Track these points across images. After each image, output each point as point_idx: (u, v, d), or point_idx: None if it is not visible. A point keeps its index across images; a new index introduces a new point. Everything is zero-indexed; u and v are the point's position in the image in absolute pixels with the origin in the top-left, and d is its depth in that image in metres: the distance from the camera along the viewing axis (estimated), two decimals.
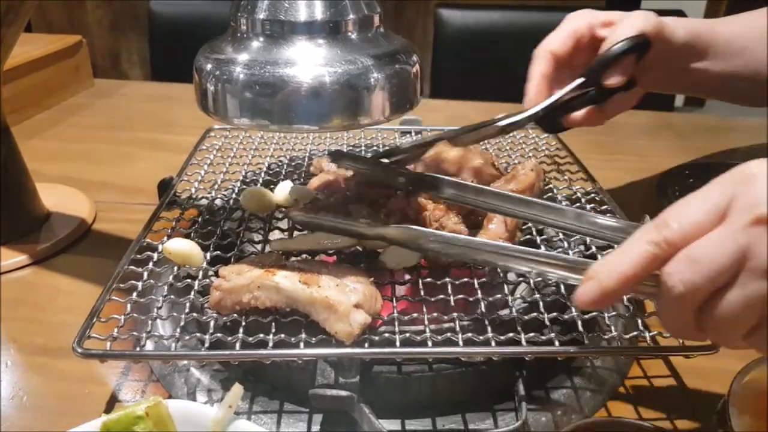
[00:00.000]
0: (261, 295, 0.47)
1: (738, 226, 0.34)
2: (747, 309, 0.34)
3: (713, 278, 0.34)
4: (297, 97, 0.45)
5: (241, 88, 0.46)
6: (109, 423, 0.38)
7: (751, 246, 0.33)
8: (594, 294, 0.37)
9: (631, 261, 0.36)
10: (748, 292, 0.34)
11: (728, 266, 0.34)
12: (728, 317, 0.35)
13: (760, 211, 0.33)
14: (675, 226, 0.35)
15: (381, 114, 0.48)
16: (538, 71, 0.60)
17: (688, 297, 0.35)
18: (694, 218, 0.35)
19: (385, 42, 0.50)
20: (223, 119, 0.48)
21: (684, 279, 0.35)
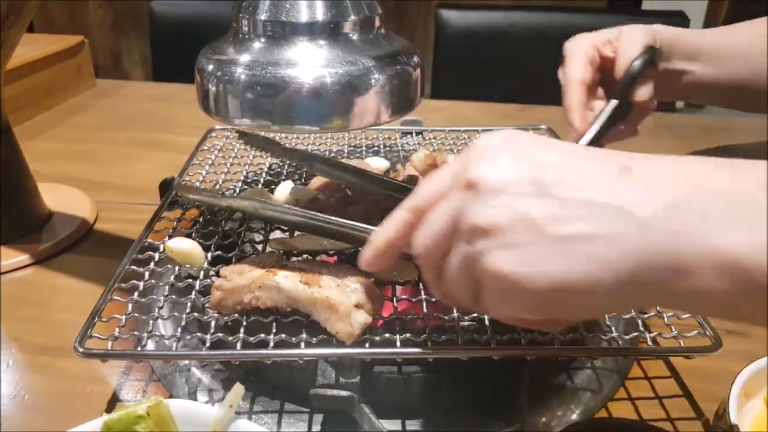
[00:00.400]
0: (262, 295, 0.47)
1: (454, 190, 0.35)
2: (458, 272, 0.35)
3: (437, 242, 0.36)
4: (298, 97, 0.46)
5: (242, 89, 0.46)
6: (110, 422, 0.38)
7: (459, 209, 0.34)
8: (369, 255, 0.41)
9: (392, 226, 0.39)
10: (457, 257, 0.35)
11: (445, 229, 0.35)
12: (451, 281, 0.36)
13: (467, 175, 0.34)
14: (422, 194, 0.38)
15: (382, 115, 0.49)
16: (576, 101, 0.62)
17: (424, 258, 0.37)
18: (435, 187, 0.37)
19: (386, 43, 0.50)
20: (225, 120, 0.49)
21: (419, 242, 0.37)
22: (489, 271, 0.32)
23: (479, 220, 0.32)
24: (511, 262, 0.31)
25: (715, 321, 0.48)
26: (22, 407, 0.53)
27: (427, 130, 0.88)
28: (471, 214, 0.33)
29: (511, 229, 0.31)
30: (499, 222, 0.32)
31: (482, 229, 0.32)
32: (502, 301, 0.34)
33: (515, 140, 0.35)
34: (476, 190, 0.33)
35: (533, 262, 0.31)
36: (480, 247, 0.32)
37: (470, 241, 0.33)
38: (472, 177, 0.33)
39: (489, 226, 0.32)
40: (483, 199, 0.33)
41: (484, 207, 0.32)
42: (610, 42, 0.63)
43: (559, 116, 0.69)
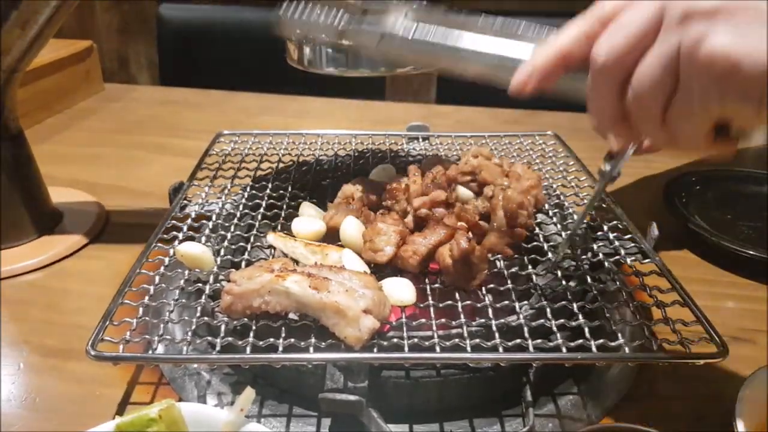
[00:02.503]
0: (271, 300, 0.48)
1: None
2: (661, 68, 0.34)
3: (636, 40, 0.34)
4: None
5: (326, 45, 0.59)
6: (122, 425, 0.39)
7: (668, 3, 0.33)
8: (525, 74, 0.39)
9: (565, 38, 0.38)
10: (664, 48, 0.34)
11: (648, 25, 0.34)
12: (645, 84, 0.35)
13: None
14: (606, 6, 0.36)
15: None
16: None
17: (610, 65, 0.35)
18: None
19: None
20: (314, 69, 0.61)
21: (608, 44, 0.35)
22: (709, 53, 0.31)
23: (699, 4, 0.32)
24: (733, 42, 0.31)
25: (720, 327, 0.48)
26: (33, 409, 0.53)
27: (434, 136, 0.88)
28: (686, 2, 0.32)
29: (736, 10, 0.31)
30: (724, 5, 0.31)
31: (703, 11, 0.32)
32: (704, 95, 0.33)
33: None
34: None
35: (757, 43, 0.30)
36: (699, 30, 0.32)
37: (686, 27, 0.32)
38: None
39: (711, 8, 0.32)
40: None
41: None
42: None
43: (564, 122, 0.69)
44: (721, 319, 0.50)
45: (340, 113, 1.27)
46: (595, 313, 0.52)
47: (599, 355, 0.47)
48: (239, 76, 1.58)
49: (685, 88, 0.33)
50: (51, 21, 0.68)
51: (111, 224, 0.83)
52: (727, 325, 0.47)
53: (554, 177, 0.75)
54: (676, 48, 0.33)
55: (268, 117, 1.24)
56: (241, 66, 1.58)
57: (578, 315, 0.49)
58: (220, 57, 1.61)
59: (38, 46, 0.71)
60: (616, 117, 0.37)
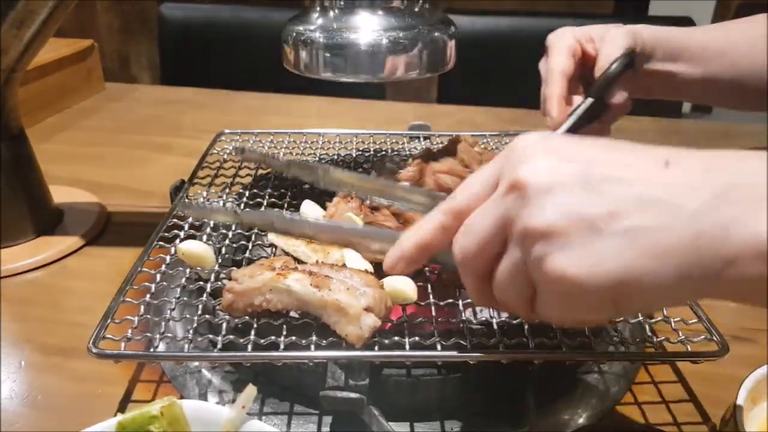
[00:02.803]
0: (273, 298, 0.48)
1: (498, 194, 0.35)
2: (512, 277, 0.35)
3: (482, 246, 0.36)
4: (361, 55, 0.57)
5: (322, 49, 0.58)
6: (124, 422, 0.39)
7: (509, 214, 0.34)
8: (395, 259, 0.41)
9: (426, 229, 0.40)
10: (510, 261, 0.35)
11: (491, 234, 0.35)
12: (501, 287, 0.36)
13: (513, 177, 0.33)
14: (458, 197, 0.38)
15: (421, 70, 0.59)
16: (556, 92, 0.62)
17: (467, 263, 0.37)
18: (472, 190, 0.38)
19: (428, 15, 0.60)
20: (310, 73, 0.61)
21: (460, 245, 0.37)
22: (550, 274, 0.32)
23: (534, 223, 0.32)
24: (570, 262, 0.31)
25: (722, 326, 0.49)
26: (35, 407, 0.53)
27: (435, 135, 0.88)
28: (524, 218, 0.32)
29: (568, 230, 0.31)
30: (556, 224, 0.31)
31: (538, 232, 0.32)
32: (561, 304, 0.33)
33: (551, 139, 0.35)
34: (524, 193, 0.33)
35: (594, 260, 0.30)
36: (538, 251, 0.32)
37: (525, 246, 0.33)
38: (517, 179, 0.33)
39: (545, 229, 0.31)
40: (534, 201, 0.32)
41: (536, 210, 0.32)
42: (593, 40, 0.64)
43: None
44: (721, 318, 0.50)
45: (342, 113, 1.27)
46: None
47: (600, 353, 0.47)
48: (240, 75, 1.58)
49: (540, 293, 0.34)
50: (49, 21, 0.68)
51: (112, 223, 0.83)
52: (727, 324, 0.47)
53: None
54: (522, 262, 0.34)
55: (269, 116, 1.24)
56: (242, 65, 1.58)
57: None
58: (222, 57, 1.61)
59: (37, 46, 0.71)
60: (485, 299, 0.39)
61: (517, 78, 1.55)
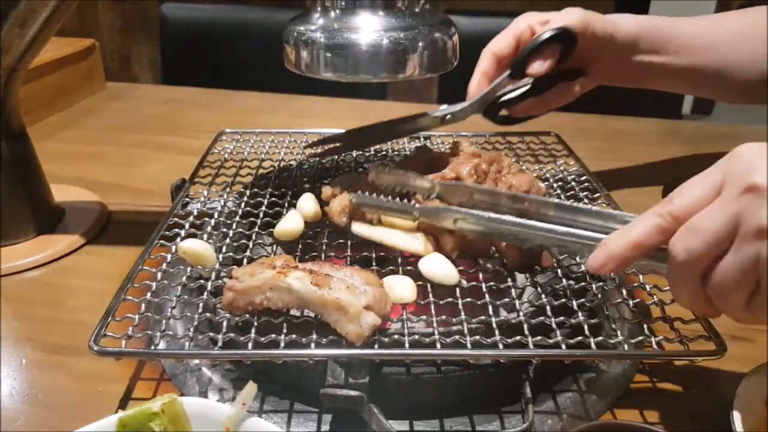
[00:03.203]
0: (273, 296, 0.48)
1: (730, 196, 0.37)
2: (741, 273, 0.37)
3: (710, 244, 0.38)
4: (362, 55, 0.57)
5: (324, 49, 0.58)
6: (125, 419, 0.39)
7: (743, 212, 0.36)
8: (602, 258, 0.43)
9: (639, 230, 0.41)
10: (741, 256, 0.37)
11: (723, 232, 0.37)
12: (726, 282, 0.38)
13: (749, 180, 0.36)
14: (677, 201, 0.40)
15: (423, 71, 0.59)
16: (479, 70, 0.67)
17: (690, 264, 0.39)
18: (693, 194, 0.40)
19: (428, 15, 0.60)
20: (311, 73, 0.60)
21: (684, 246, 0.39)
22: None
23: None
24: None
25: (721, 326, 0.49)
26: (36, 405, 0.53)
27: (435, 135, 0.88)
28: (760, 216, 0.35)
29: None
30: None
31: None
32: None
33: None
34: (761, 194, 0.36)
35: None
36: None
37: (761, 242, 0.35)
38: (754, 181, 0.36)
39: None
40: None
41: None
42: (547, 21, 0.65)
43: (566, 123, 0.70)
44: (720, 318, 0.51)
45: (343, 112, 1.27)
46: (595, 310, 0.52)
47: (598, 352, 0.47)
48: (241, 75, 1.58)
49: (762, 291, 0.37)
50: (51, 20, 0.68)
51: (113, 222, 0.83)
52: (725, 324, 0.47)
53: (554, 177, 0.76)
54: (755, 258, 0.36)
55: (270, 116, 1.24)
56: (243, 65, 1.58)
57: (578, 313, 0.50)
58: (223, 56, 1.61)
59: (39, 45, 0.71)
60: (698, 300, 0.41)
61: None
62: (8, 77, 0.71)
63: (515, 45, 0.66)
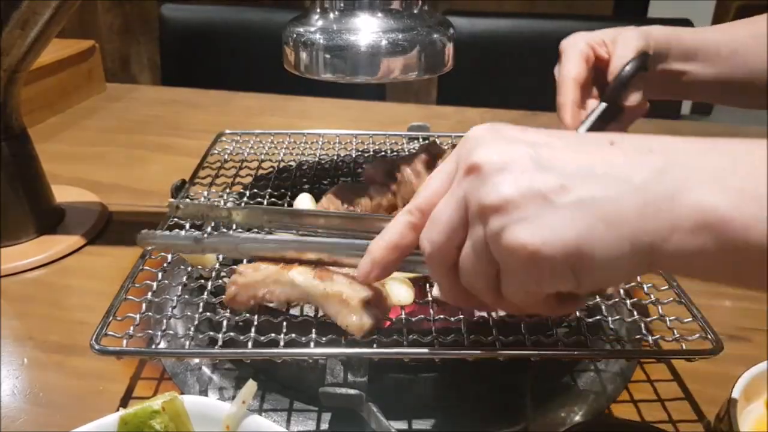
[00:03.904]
0: (276, 290, 0.48)
1: (456, 181, 0.37)
2: (476, 257, 0.36)
3: (448, 233, 0.37)
4: (360, 56, 0.58)
5: (323, 50, 0.59)
6: (126, 417, 0.39)
7: (468, 195, 0.35)
8: (367, 266, 0.42)
9: (393, 230, 0.41)
10: (473, 240, 0.36)
11: (455, 220, 0.36)
12: (468, 270, 0.37)
13: (468, 161, 0.35)
14: (422, 194, 0.39)
15: (420, 72, 0.60)
16: (569, 99, 0.62)
17: (435, 255, 0.38)
18: (433, 185, 0.39)
19: (427, 16, 0.61)
20: (310, 74, 0.61)
21: (428, 238, 0.38)
22: (508, 245, 0.33)
23: (490, 199, 0.34)
24: (527, 233, 0.32)
25: (717, 325, 0.49)
26: (37, 404, 0.54)
27: (434, 136, 0.89)
28: (481, 195, 0.34)
29: (522, 203, 0.33)
30: (510, 197, 0.33)
31: (495, 206, 0.33)
32: (523, 278, 0.34)
33: (501, 128, 0.37)
34: (479, 174, 0.35)
35: (548, 229, 0.32)
36: (496, 225, 0.33)
37: (485, 222, 0.34)
38: (472, 162, 0.35)
39: (501, 203, 0.33)
40: (489, 179, 0.34)
41: (492, 186, 0.34)
42: (605, 43, 0.64)
43: None
44: (718, 317, 0.51)
45: (342, 113, 1.27)
46: (593, 310, 0.53)
47: (595, 351, 0.47)
48: (241, 76, 1.58)
49: (504, 271, 0.36)
50: (52, 21, 0.68)
51: (113, 222, 0.84)
52: (723, 323, 0.48)
53: None
54: (483, 240, 0.35)
55: (269, 117, 1.25)
56: (242, 66, 1.59)
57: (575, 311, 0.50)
58: (222, 57, 1.62)
59: (40, 47, 0.71)
60: (459, 294, 0.40)
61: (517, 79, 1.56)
62: (9, 79, 0.71)
63: (587, 69, 0.64)
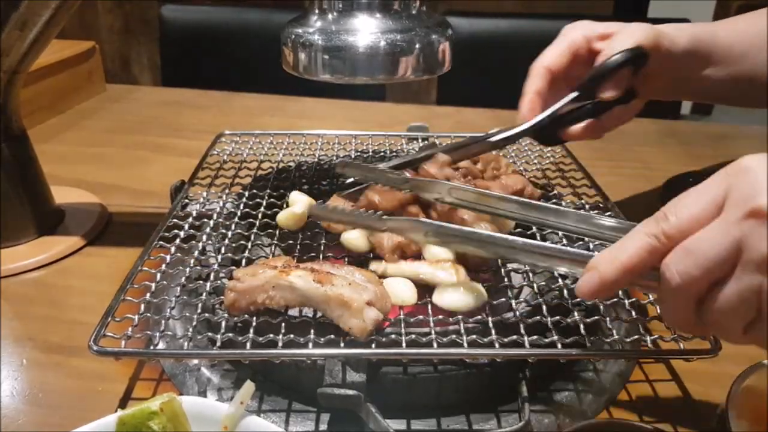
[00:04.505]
0: (275, 295, 0.48)
1: (733, 218, 0.34)
2: (742, 302, 0.34)
3: (708, 270, 0.35)
4: (359, 56, 0.58)
5: (321, 51, 0.58)
6: (124, 418, 0.39)
7: (746, 239, 0.33)
8: (594, 284, 0.39)
9: (630, 252, 0.37)
10: (743, 286, 0.34)
11: (723, 258, 0.34)
12: (725, 310, 0.35)
13: (754, 204, 0.33)
14: (673, 219, 0.36)
15: (418, 72, 0.60)
16: (532, 88, 0.61)
17: (684, 288, 0.36)
18: (691, 211, 0.36)
19: (425, 17, 0.61)
20: (309, 75, 0.61)
21: (680, 270, 0.35)
22: None
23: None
24: None
25: None
26: (36, 404, 0.54)
27: (433, 136, 0.89)
28: (764, 246, 0.32)
29: None
30: None
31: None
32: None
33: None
34: (765, 221, 0.33)
35: None
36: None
37: (763, 272, 0.33)
38: (759, 206, 0.33)
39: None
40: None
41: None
42: (607, 36, 0.61)
43: None
44: None
45: (341, 114, 1.27)
46: (591, 310, 0.53)
47: (594, 351, 0.47)
48: (240, 76, 1.59)
49: (764, 319, 0.34)
50: (51, 22, 0.68)
51: (113, 223, 0.84)
52: None
53: (551, 177, 0.76)
54: (757, 289, 0.33)
55: (269, 117, 1.25)
56: (242, 67, 1.59)
57: (574, 312, 0.50)
58: (222, 58, 1.62)
59: (39, 48, 0.71)
60: (690, 324, 0.38)
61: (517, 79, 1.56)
62: (9, 80, 0.71)
63: (571, 60, 0.61)
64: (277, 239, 0.63)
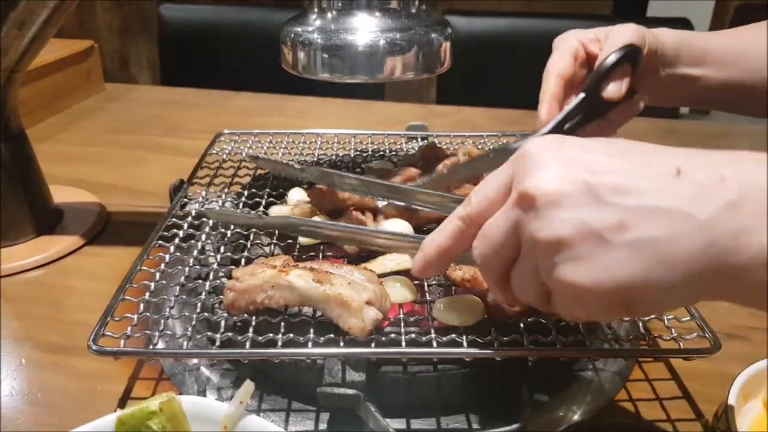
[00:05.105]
0: (275, 294, 0.48)
1: (510, 202, 0.36)
2: (526, 281, 0.36)
3: (498, 252, 0.37)
4: (358, 55, 0.58)
5: (320, 50, 0.59)
6: (123, 417, 0.39)
7: (520, 223, 0.35)
8: (420, 264, 0.43)
9: (445, 235, 0.41)
10: (523, 266, 0.36)
11: (506, 241, 0.36)
12: (519, 287, 0.38)
13: (521, 188, 0.35)
14: (473, 202, 0.39)
15: (417, 71, 0.60)
16: (549, 94, 0.61)
17: (485, 269, 0.39)
18: (487, 195, 0.38)
19: (425, 16, 0.61)
20: (308, 74, 0.61)
21: (478, 253, 0.38)
22: (560, 282, 0.33)
23: (542, 236, 0.33)
24: (580, 273, 0.32)
25: (715, 324, 0.49)
26: (35, 404, 0.54)
27: (432, 135, 0.89)
28: (533, 229, 0.34)
29: (576, 242, 0.32)
30: (564, 237, 0.32)
31: (546, 244, 0.33)
32: (573, 306, 0.35)
33: (561, 147, 0.35)
34: (532, 205, 0.34)
35: (602, 270, 0.32)
36: (548, 261, 0.33)
37: (536, 256, 0.34)
38: (525, 191, 0.34)
39: (553, 242, 0.33)
40: (542, 214, 0.33)
41: (545, 221, 0.33)
42: (599, 39, 0.62)
43: None
44: (716, 316, 0.51)
45: (341, 113, 1.27)
46: None
47: (594, 349, 0.47)
48: (240, 76, 1.58)
49: (555, 295, 0.36)
50: (49, 21, 0.68)
51: (112, 223, 0.84)
52: (721, 322, 0.48)
53: None
54: (535, 269, 0.35)
55: (268, 117, 1.25)
56: (241, 66, 1.59)
57: None
58: (221, 57, 1.62)
59: (38, 47, 0.71)
60: (510, 298, 0.40)
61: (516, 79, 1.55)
62: (7, 79, 0.71)
63: (575, 64, 0.63)
64: (276, 238, 0.63)
